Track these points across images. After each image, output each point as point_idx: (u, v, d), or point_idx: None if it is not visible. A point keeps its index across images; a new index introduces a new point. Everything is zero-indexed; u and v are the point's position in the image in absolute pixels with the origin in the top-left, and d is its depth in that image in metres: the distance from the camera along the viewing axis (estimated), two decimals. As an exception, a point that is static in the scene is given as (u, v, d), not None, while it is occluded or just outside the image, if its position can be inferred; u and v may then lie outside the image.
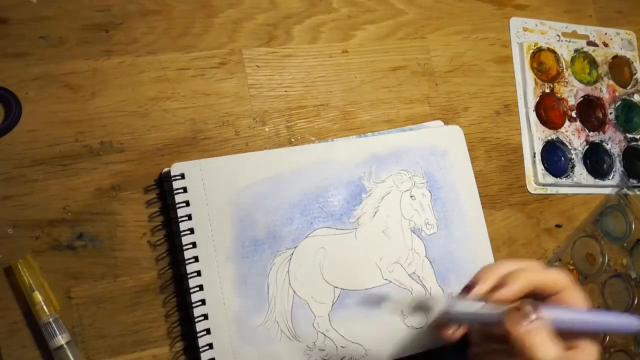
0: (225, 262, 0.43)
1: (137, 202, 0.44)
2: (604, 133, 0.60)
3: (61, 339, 0.39)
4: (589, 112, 0.60)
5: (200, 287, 0.42)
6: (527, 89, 0.58)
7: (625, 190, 0.58)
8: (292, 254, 0.45)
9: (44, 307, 0.40)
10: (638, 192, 0.60)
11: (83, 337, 0.41)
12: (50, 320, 0.40)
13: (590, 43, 0.63)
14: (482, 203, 0.51)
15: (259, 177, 0.45)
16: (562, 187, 0.57)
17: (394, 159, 0.49)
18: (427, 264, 0.48)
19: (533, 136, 0.57)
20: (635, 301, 0.54)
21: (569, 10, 0.63)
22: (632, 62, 0.64)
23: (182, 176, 0.43)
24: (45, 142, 0.43)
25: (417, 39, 0.55)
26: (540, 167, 0.56)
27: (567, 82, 0.60)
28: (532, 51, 0.59)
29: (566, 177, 0.57)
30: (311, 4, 0.52)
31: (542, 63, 0.60)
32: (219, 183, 0.44)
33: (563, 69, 0.60)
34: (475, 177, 0.52)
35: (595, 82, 0.61)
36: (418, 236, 0.48)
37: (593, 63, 0.62)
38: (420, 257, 0.48)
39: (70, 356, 0.39)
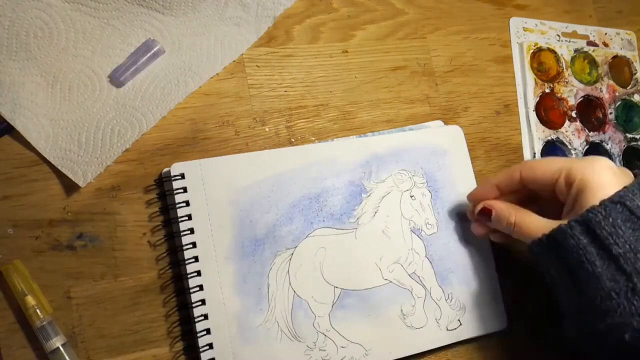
0: (225, 262, 0.43)
1: (137, 202, 0.44)
2: (604, 133, 0.60)
3: (56, 342, 0.39)
4: (589, 112, 0.60)
5: (200, 287, 0.42)
6: (527, 89, 0.58)
7: None
8: (292, 253, 0.45)
9: (37, 311, 0.39)
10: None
11: (83, 337, 0.41)
12: (44, 323, 0.39)
13: (590, 43, 0.63)
14: (482, 203, 0.51)
15: (259, 177, 0.45)
16: (562, 187, 0.57)
17: (394, 159, 0.49)
18: (427, 264, 0.48)
19: (533, 136, 0.57)
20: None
21: (569, 10, 0.63)
22: (632, 62, 0.64)
23: (182, 176, 0.43)
24: (45, 142, 0.43)
25: (417, 39, 0.55)
26: (540, 167, 0.56)
27: (567, 82, 0.60)
28: (532, 51, 0.59)
29: (566, 177, 0.57)
30: (311, 4, 0.52)
31: (542, 63, 0.60)
32: (219, 183, 0.44)
33: (563, 69, 0.60)
34: (475, 177, 0.52)
35: (595, 82, 0.61)
36: (418, 236, 0.48)
37: (593, 63, 0.62)
38: (420, 257, 0.48)
39: (67, 358, 0.39)
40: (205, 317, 0.42)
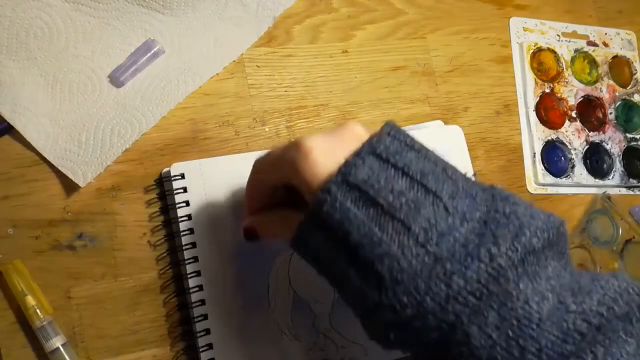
0: (225, 262, 0.43)
1: (137, 202, 0.44)
2: (604, 133, 0.60)
3: (56, 342, 0.39)
4: (589, 112, 0.60)
5: (200, 287, 0.42)
6: (527, 89, 0.58)
7: (607, 192, 0.58)
8: (292, 253, 0.45)
9: (37, 311, 0.39)
10: (638, 192, 0.60)
11: (83, 337, 0.41)
12: (44, 323, 0.39)
13: (590, 43, 0.63)
14: (482, 203, 0.51)
15: (259, 177, 0.45)
16: (562, 187, 0.57)
17: (394, 159, 0.49)
18: (427, 264, 0.48)
19: (533, 136, 0.57)
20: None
21: (569, 10, 0.63)
22: (632, 62, 0.64)
23: (182, 176, 0.43)
24: (45, 142, 0.43)
25: (417, 39, 0.55)
26: (540, 167, 0.56)
27: (567, 82, 0.60)
28: (532, 51, 0.59)
29: (566, 177, 0.57)
30: (311, 4, 0.52)
31: (542, 63, 0.60)
32: (219, 183, 0.44)
33: (563, 69, 0.60)
34: (476, 177, 0.52)
35: (595, 82, 0.61)
36: (418, 236, 0.48)
37: (593, 63, 0.62)
38: (420, 257, 0.48)
39: (67, 358, 0.39)
40: (205, 317, 0.42)
